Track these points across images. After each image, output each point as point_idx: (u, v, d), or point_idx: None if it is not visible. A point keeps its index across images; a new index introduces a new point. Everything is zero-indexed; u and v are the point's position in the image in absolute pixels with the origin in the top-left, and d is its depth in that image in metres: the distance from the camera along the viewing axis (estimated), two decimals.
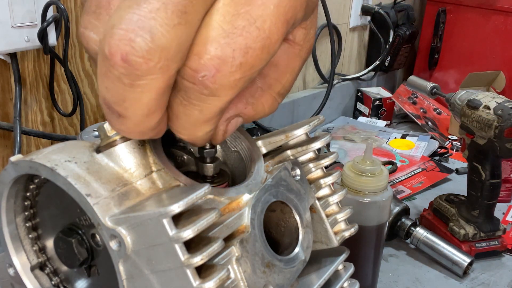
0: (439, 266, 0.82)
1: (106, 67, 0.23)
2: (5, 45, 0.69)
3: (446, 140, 1.30)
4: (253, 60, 0.24)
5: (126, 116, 0.24)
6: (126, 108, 0.24)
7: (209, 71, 0.24)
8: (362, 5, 1.40)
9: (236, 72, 0.24)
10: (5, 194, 0.33)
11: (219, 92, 0.24)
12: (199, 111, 0.25)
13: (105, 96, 0.24)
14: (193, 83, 0.24)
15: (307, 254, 0.37)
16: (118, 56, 0.22)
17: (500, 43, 1.42)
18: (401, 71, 1.69)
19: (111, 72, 0.23)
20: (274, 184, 0.35)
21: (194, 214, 0.27)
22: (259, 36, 0.24)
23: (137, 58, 0.22)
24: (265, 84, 0.29)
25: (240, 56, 0.24)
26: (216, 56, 0.23)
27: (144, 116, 0.24)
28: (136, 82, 0.23)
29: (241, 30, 0.24)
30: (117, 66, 0.22)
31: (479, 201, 0.82)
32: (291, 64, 0.29)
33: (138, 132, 0.25)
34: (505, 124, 0.74)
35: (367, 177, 0.62)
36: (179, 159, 0.38)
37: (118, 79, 0.23)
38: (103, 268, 0.34)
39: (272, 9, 0.24)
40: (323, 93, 1.27)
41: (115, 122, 0.25)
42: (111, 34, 0.22)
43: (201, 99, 0.25)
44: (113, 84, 0.23)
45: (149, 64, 0.22)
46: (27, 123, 0.78)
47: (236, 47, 0.24)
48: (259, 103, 0.29)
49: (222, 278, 0.27)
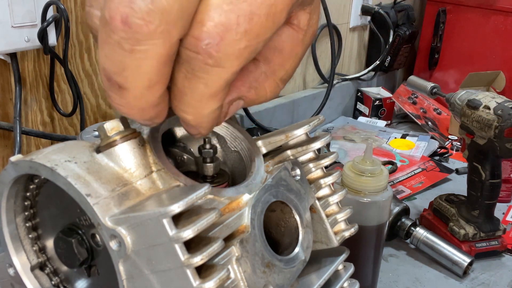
0: (439, 266, 0.82)
1: (106, 32, 0.22)
2: (5, 45, 0.69)
3: (446, 140, 1.30)
4: (258, 28, 0.24)
5: (126, 87, 0.24)
6: (126, 77, 0.23)
7: (213, 38, 0.23)
8: (362, 5, 1.40)
9: (241, 40, 0.23)
10: (5, 194, 0.33)
11: (224, 62, 0.24)
12: (204, 84, 0.25)
13: (105, 66, 0.23)
14: (197, 52, 0.23)
15: (307, 254, 0.37)
16: (118, 19, 0.22)
17: (500, 43, 1.42)
18: (401, 71, 1.69)
19: (111, 37, 0.22)
20: (274, 184, 0.35)
21: (194, 214, 0.27)
22: (264, 2, 0.23)
23: (137, 19, 0.21)
24: (269, 69, 0.29)
25: (245, 23, 0.23)
26: (220, 22, 0.23)
27: (145, 88, 0.24)
28: (136, 47, 0.22)
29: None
30: (117, 30, 0.22)
31: (479, 201, 0.82)
32: (295, 49, 0.29)
33: (139, 108, 0.25)
34: (505, 124, 0.74)
35: (367, 177, 0.62)
36: (179, 159, 0.38)
37: (118, 44, 0.22)
38: (103, 268, 0.34)
39: None
40: (323, 93, 1.27)
41: (115, 96, 0.24)
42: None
43: (206, 70, 0.24)
44: (113, 51, 0.23)
45: (150, 27, 0.22)
46: (27, 123, 0.78)
47: (241, 13, 0.23)
48: (262, 87, 0.29)
49: (222, 278, 0.27)
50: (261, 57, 0.28)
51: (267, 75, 0.29)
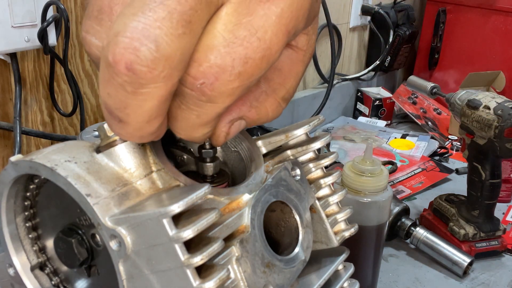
0: (439, 266, 0.82)
1: (109, 74, 0.23)
2: (5, 45, 0.69)
3: (446, 140, 1.30)
4: (252, 70, 0.24)
5: (127, 122, 0.24)
6: (128, 114, 0.24)
7: (207, 78, 0.24)
8: (362, 5, 1.40)
9: (235, 81, 0.24)
10: (5, 194, 0.33)
11: (217, 99, 0.25)
12: (196, 115, 0.25)
13: (106, 102, 0.24)
14: (191, 90, 0.24)
15: (307, 254, 0.37)
16: (123, 65, 0.22)
17: (500, 43, 1.42)
18: (401, 71, 1.69)
19: (114, 79, 0.23)
20: (274, 184, 0.35)
21: (194, 214, 0.27)
22: (259, 46, 0.24)
23: (142, 67, 0.22)
24: (270, 88, 0.29)
25: (240, 66, 0.24)
26: (216, 64, 0.24)
27: (145, 122, 0.24)
28: (139, 90, 0.23)
29: (241, 40, 0.24)
30: (120, 74, 0.22)
31: (479, 201, 0.82)
32: (295, 68, 0.29)
33: (138, 136, 0.26)
34: (505, 124, 0.74)
35: (367, 177, 0.62)
36: (179, 158, 0.38)
37: (121, 87, 0.23)
38: (103, 268, 0.34)
39: (274, 20, 0.24)
40: (323, 93, 1.27)
41: (115, 127, 0.25)
42: (115, 41, 0.22)
43: (198, 104, 0.25)
44: (115, 91, 0.23)
45: (153, 73, 0.22)
46: (27, 123, 0.78)
47: (236, 57, 0.24)
48: (263, 107, 0.29)
49: (222, 278, 0.27)
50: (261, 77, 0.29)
51: (267, 94, 0.29)
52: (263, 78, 0.29)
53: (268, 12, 0.24)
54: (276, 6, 0.24)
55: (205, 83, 0.24)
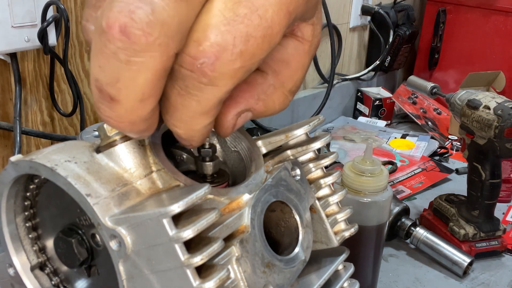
0: (439, 266, 0.82)
1: (102, 42, 0.22)
2: (5, 45, 0.69)
3: (446, 140, 1.30)
4: (254, 49, 0.24)
5: (118, 100, 0.23)
6: (119, 89, 0.23)
7: (208, 58, 0.23)
8: (362, 5, 1.40)
9: (236, 61, 0.23)
10: (5, 194, 0.33)
11: (218, 81, 0.24)
12: (197, 101, 0.25)
13: (97, 77, 0.23)
14: (191, 71, 0.23)
15: (307, 254, 0.37)
16: (116, 28, 0.21)
17: (500, 43, 1.42)
18: (401, 71, 1.69)
19: (107, 47, 0.22)
20: (274, 184, 0.35)
21: (194, 214, 0.27)
22: (260, 24, 0.23)
23: (136, 30, 0.21)
24: (278, 81, 0.29)
25: (241, 44, 0.23)
26: (216, 43, 0.23)
27: (138, 101, 0.23)
28: (133, 58, 0.22)
29: (242, 17, 0.23)
30: (114, 40, 0.21)
31: (479, 201, 0.82)
32: (302, 60, 0.29)
33: (129, 121, 0.24)
34: (505, 124, 0.74)
35: (367, 177, 0.62)
36: (179, 158, 0.38)
37: (114, 55, 0.22)
38: (103, 268, 0.34)
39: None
40: (323, 93, 1.27)
41: (105, 108, 0.24)
42: (110, 7, 0.21)
43: (199, 88, 0.24)
44: (107, 61, 0.22)
45: (148, 39, 0.21)
46: (27, 123, 0.78)
47: (237, 35, 0.23)
48: (270, 99, 0.29)
49: (222, 278, 0.27)
50: (269, 70, 0.29)
51: (275, 87, 0.29)
52: (271, 71, 0.29)
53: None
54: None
55: (206, 63, 0.23)
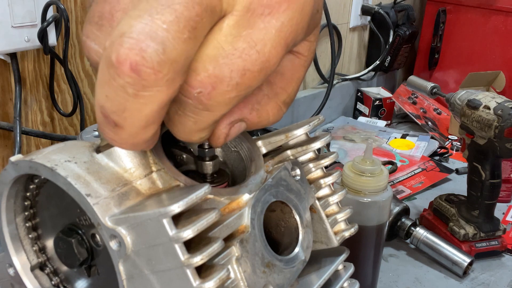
0: (439, 266, 0.82)
1: (110, 74, 0.22)
2: (5, 45, 0.69)
3: (446, 140, 1.30)
4: (250, 81, 0.25)
5: (122, 127, 0.24)
6: (125, 118, 0.23)
7: (205, 88, 0.24)
8: (362, 5, 1.40)
9: (232, 91, 0.24)
10: (5, 194, 0.33)
11: (213, 108, 0.25)
12: (193, 122, 0.26)
13: (104, 105, 0.24)
14: (189, 98, 0.24)
15: (307, 254, 0.37)
16: (127, 65, 0.22)
17: (500, 43, 1.42)
18: (401, 71, 1.69)
19: (116, 80, 0.22)
20: (274, 184, 0.35)
21: (194, 214, 0.27)
22: (258, 59, 0.24)
23: (147, 69, 0.22)
24: (272, 92, 0.29)
25: (237, 77, 0.24)
26: (214, 74, 0.24)
27: (141, 128, 0.24)
28: (141, 92, 0.22)
29: (240, 52, 0.24)
30: (123, 75, 0.22)
31: (479, 201, 0.82)
32: (296, 73, 0.30)
33: (131, 143, 0.25)
34: (505, 124, 0.74)
35: (367, 177, 0.62)
36: (178, 158, 0.38)
37: (122, 88, 0.22)
38: (103, 268, 0.34)
39: (273, 34, 0.24)
40: (323, 93, 1.27)
41: (109, 132, 0.25)
42: (120, 42, 0.22)
43: (195, 112, 0.25)
44: (115, 93, 0.23)
45: (158, 76, 0.22)
46: (27, 123, 0.78)
47: (234, 68, 0.24)
48: (264, 110, 0.30)
49: (222, 278, 0.27)
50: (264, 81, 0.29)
51: (269, 98, 0.29)
52: (266, 82, 0.29)
53: (268, 26, 0.24)
54: (277, 20, 0.24)
55: (202, 92, 0.24)
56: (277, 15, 0.24)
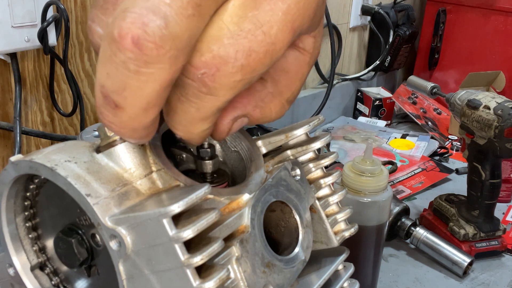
0: (439, 266, 0.82)
1: (112, 50, 0.22)
2: (5, 45, 0.69)
3: (446, 140, 1.30)
4: (255, 64, 0.24)
5: (122, 107, 0.23)
6: (125, 97, 0.23)
7: (209, 69, 0.23)
8: (362, 5, 1.40)
9: (237, 74, 0.24)
10: (5, 194, 0.33)
11: (217, 91, 0.24)
12: (196, 108, 0.25)
13: (104, 83, 0.23)
14: (192, 80, 0.24)
15: (307, 254, 0.37)
16: (129, 39, 0.21)
17: (500, 43, 1.42)
18: (401, 71, 1.69)
19: (117, 56, 0.22)
20: (274, 184, 0.35)
21: (194, 214, 0.27)
22: (264, 40, 0.24)
23: (149, 43, 0.21)
24: (276, 89, 0.29)
25: (242, 58, 0.24)
26: (218, 55, 0.23)
27: (142, 109, 0.24)
28: (142, 69, 0.22)
29: (246, 32, 0.23)
30: (125, 50, 0.22)
31: (479, 201, 0.82)
32: (301, 70, 0.29)
33: (130, 128, 0.25)
34: (505, 124, 0.74)
35: (367, 177, 0.62)
36: (178, 157, 0.38)
37: (123, 64, 0.22)
38: (103, 268, 0.34)
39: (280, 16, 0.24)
40: (323, 93, 1.27)
41: (108, 114, 0.24)
42: (122, 16, 0.21)
43: (198, 96, 0.24)
44: (116, 70, 0.22)
45: (160, 51, 0.22)
46: (27, 123, 0.78)
47: (240, 49, 0.23)
48: (267, 107, 0.29)
49: (222, 278, 0.27)
50: (268, 78, 0.29)
51: (273, 95, 0.29)
52: (270, 79, 0.29)
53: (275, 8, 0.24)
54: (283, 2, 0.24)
55: (206, 73, 0.23)
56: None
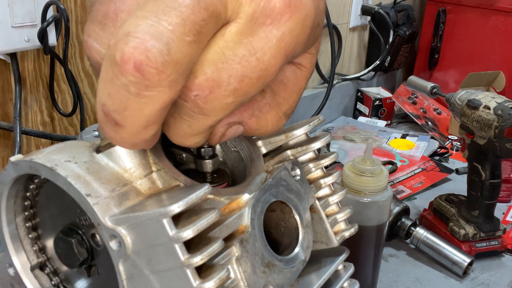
0: (439, 266, 0.82)
1: (113, 73, 0.22)
2: (5, 45, 0.69)
3: (446, 140, 1.30)
4: (247, 88, 0.25)
5: (123, 126, 0.24)
6: (126, 117, 0.24)
7: (202, 91, 0.24)
8: (362, 5, 1.40)
9: (229, 97, 0.24)
10: (5, 194, 0.33)
11: (209, 112, 0.25)
12: (188, 125, 0.26)
13: (105, 103, 0.24)
14: (185, 100, 0.24)
15: (307, 254, 0.37)
16: (131, 64, 0.22)
17: (500, 43, 1.42)
18: (401, 71, 1.69)
19: (119, 79, 0.22)
20: (274, 184, 0.35)
21: (194, 214, 0.27)
22: (257, 66, 0.24)
23: (151, 68, 0.22)
24: (274, 101, 0.30)
25: (235, 83, 0.24)
26: (212, 78, 0.24)
27: (142, 128, 0.24)
28: (143, 92, 0.22)
29: (240, 58, 0.24)
30: (127, 74, 0.22)
31: (479, 201, 0.82)
32: (298, 84, 0.30)
33: (131, 143, 0.25)
34: (505, 124, 0.74)
35: (367, 177, 0.62)
36: (178, 157, 0.38)
37: (125, 87, 0.22)
38: (103, 268, 0.34)
39: (274, 43, 0.25)
40: (323, 93, 1.27)
41: (109, 130, 0.25)
42: (125, 40, 0.22)
43: (191, 115, 0.25)
44: (117, 92, 0.23)
45: (161, 76, 0.22)
46: (27, 123, 0.78)
47: (233, 74, 0.24)
48: (264, 118, 0.30)
49: (222, 278, 0.27)
50: (268, 89, 0.29)
51: (271, 107, 0.30)
52: (269, 91, 0.29)
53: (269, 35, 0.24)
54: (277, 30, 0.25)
55: (199, 95, 0.24)
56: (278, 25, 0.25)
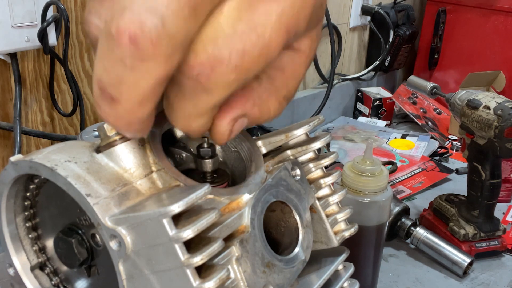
0: (439, 266, 0.82)
1: (109, 46, 0.23)
2: (5, 45, 0.69)
3: (446, 140, 1.30)
4: (249, 65, 0.25)
5: (119, 100, 0.24)
6: (121, 91, 0.24)
7: (204, 69, 0.24)
8: (362, 5, 1.40)
9: (231, 73, 0.24)
10: (5, 194, 0.33)
11: (212, 90, 0.25)
12: (192, 105, 0.26)
13: (101, 77, 0.24)
14: (188, 79, 0.24)
15: (307, 254, 0.37)
16: (126, 36, 0.22)
17: (500, 43, 1.42)
18: (401, 71, 1.69)
19: (114, 51, 0.23)
20: (274, 184, 0.35)
21: (194, 214, 0.27)
22: (258, 42, 0.24)
23: (145, 41, 0.22)
24: (273, 87, 0.29)
25: (237, 59, 0.24)
26: (213, 55, 0.24)
27: (137, 103, 0.24)
28: (138, 65, 0.23)
29: (240, 34, 0.24)
30: (122, 46, 0.22)
31: (479, 201, 0.82)
32: (297, 70, 0.30)
33: (126, 121, 0.25)
34: (505, 124, 0.74)
35: (367, 177, 0.62)
36: (178, 157, 0.38)
37: (120, 60, 0.23)
38: (103, 268, 0.34)
39: (274, 18, 0.24)
40: (323, 93, 1.27)
41: (105, 107, 0.25)
42: (121, 13, 0.22)
43: (194, 94, 0.25)
44: (113, 65, 0.23)
45: (155, 49, 0.22)
46: (27, 123, 0.78)
47: (234, 50, 0.24)
48: (265, 105, 0.30)
49: (222, 278, 0.27)
50: (264, 75, 0.29)
51: (270, 93, 0.30)
52: (266, 77, 0.29)
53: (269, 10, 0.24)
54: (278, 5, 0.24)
55: (201, 73, 0.24)
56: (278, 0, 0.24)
